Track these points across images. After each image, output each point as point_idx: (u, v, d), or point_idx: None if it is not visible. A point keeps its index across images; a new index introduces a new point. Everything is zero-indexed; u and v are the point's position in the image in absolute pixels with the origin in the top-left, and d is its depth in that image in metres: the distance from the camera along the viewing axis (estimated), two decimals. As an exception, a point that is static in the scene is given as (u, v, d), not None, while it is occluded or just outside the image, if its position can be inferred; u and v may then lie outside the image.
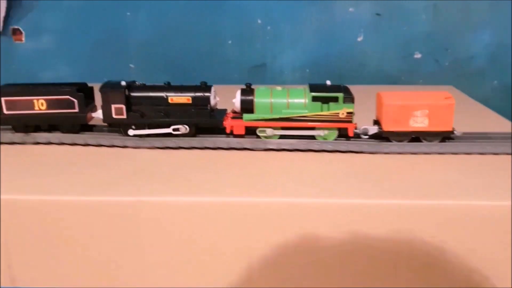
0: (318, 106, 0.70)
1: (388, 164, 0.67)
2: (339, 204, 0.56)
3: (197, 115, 0.73)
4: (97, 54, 1.28)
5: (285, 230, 0.56)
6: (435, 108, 0.69)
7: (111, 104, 0.73)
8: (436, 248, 0.55)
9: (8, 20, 1.26)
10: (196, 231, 0.56)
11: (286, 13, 1.22)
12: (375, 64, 1.25)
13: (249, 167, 0.66)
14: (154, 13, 1.24)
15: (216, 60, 1.27)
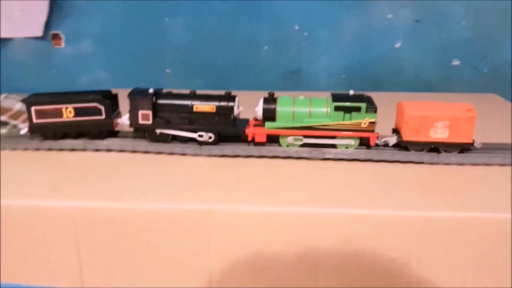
0: (341, 115, 0.71)
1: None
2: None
3: (220, 124, 0.74)
4: (134, 59, 1.30)
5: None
6: (456, 120, 0.69)
7: (139, 110, 0.75)
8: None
9: (48, 25, 1.29)
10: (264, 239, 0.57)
11: (323, 19, 1.22)
12: (412, 71, 1.24)
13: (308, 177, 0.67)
14: (192, 19, 1.25)
15: (251, 66, 1.27)
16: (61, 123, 0.79)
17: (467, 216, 0.56)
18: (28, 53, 1.32)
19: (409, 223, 0.56)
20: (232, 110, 0.74)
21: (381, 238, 0.56)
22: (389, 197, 0.60)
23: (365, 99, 0.71)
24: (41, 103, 0.79)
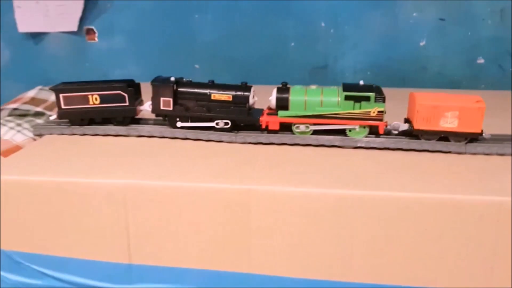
0: (351, 104, 0.74)
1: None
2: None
3: (236, 112, 0.78)
4: (164, 54, 1.34)
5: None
6: (465, 110, 0.72)
7: (160, 97, 0.80)
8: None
9: (83, 21, 1.34)
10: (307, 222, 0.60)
11: (350, 16, 1.25)
12: (437, 69, 1.26)
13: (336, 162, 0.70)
14: (221, 15, 1.29)
15: (278, 61, 1.30)
16: (87, 109, 0.84)
17: (495, 200, 0.58)
18: (63, 47, 1.37)
19: (438, 205, 0.59)
20: (248, 100, 0.78)
21: (412, 219, 0.59)
22: (417, 181, 0.62)
23: (374, 89, 0.75)
24: (69, 91, 0.84)
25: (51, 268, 0.66)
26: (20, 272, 0.67)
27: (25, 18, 1.33)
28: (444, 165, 0.69)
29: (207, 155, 0.72)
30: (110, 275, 0.65)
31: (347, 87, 0.74)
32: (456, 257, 0.59)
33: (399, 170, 0.66)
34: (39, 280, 0.67)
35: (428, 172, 0.66)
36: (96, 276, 0.65)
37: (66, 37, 1.36)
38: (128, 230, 0.63)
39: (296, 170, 0.66)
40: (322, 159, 0.71)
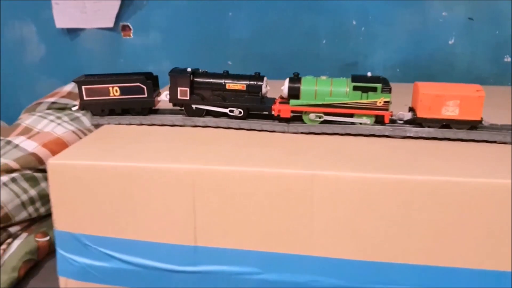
0: (358, 94, 0.77)
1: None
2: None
3: (250, 101, 0.82)
4: (197, 51, 1.38)
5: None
6: (466, 99, 0.75)
7: (178, 87, 0.84)
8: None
9: (119, 17, 1.37)
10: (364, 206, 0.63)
11: (380, 15, 1.28)
12: (465, 66, 1.29)
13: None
14: (254, 13, 1.33)
15: (309, 58, 1.34)
16: (108, 100, 0.88)
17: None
18: (98, 43, 1.41)
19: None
20: (261, 89, 0.82)
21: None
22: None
23: (381, 80, 0.78)
24: (90, 83, 0.88)
25: (118, 251, 0.69)
26: (88, 254, 0.70)
27: (63, 14, 1.37)
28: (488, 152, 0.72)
29: (264, 143, 0.75)
30: (176, 256, 0.68)
31: (355, 78, 0.78)
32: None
33: (449, 157, 0.70)
34: (106, 262, 0.70)
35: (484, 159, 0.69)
36: (162, 258, 0.68)
37: (101, 33, 1.40)
38: (194, 213, 0.66)
39: (353, 157, 0.69)
40: (372, 147, 0.74)
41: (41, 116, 1.20)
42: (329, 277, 0.65)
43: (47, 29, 1.41)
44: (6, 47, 1.45)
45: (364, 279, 0.65)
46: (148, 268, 0.69)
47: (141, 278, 0.69)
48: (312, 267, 0.65)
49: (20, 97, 1.48)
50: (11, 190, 1.03)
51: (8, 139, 1.14)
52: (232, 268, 0.67)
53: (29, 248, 1.00)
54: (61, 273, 0.72)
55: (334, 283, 0.65)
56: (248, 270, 0.67)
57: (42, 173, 1.10)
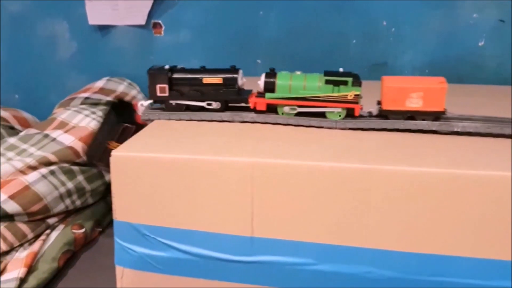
0: (330, 88, 0.81)
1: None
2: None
3: (227, 94, 0.86)
4: (228, 50, 1.39)
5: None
6: (428, 91, 0.78)
7: (156, 84, 0.87)
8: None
9: (150, 15, 1.39)
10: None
11: (410, 16, 1.30)
12: (494, 69, 1.30)
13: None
14: (285, 12, 1.34)
15: (338, 58, 1.35)
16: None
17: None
18: (129, 40, 1.43)
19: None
20: (237, 81, 0.86)
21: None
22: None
23: (352, 75, 0.82)
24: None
25: (176, 240, 0.71)
26: (146, 244, 0.71)
27: (95, 11, 1.38)
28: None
29: (315, 138, 0.77)
30: (232, 247, 0.69)
31: (327, 73, 0.82)
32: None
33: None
34: (163, 252, 0.71)
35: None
36: (219, 248, 0.70)
37: (132, 30, 1.41)
38: (252, 205, 0.68)
39: (407, 152, 0.70)
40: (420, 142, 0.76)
41: (76, 110, 1.22)
42: (383, 269, 0.67)
43: (79, 26, 1.42)
44: (38, 44, 1.47)
45: (418, 271, 0.66)
46: (205, 258, 0.70)
47: (198, 267, 0.71)
48: (366, 258, 0.67)
49: (50, 93, 1.50)
50: (50, 183, 1.05)
51: (46, 133, 1.16)
52: (287, 258, 0.69)
53: (67, 240, 1.02)
54: (118, 262, 0.74)
55: (388, 274, 0.67)
56: (303, 261, 0.68)
57: (79, 166, 1.12)
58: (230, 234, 0.69)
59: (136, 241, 0.72)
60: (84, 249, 1.07)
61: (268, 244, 0.69)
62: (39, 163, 1.08)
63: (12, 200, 1.01)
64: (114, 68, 1.43)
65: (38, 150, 1.12)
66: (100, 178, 1.17)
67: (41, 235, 1.05)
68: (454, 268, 0.65)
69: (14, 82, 1.52)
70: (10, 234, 1.00)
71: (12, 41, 1.48)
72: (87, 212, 1.14)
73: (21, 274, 0.91)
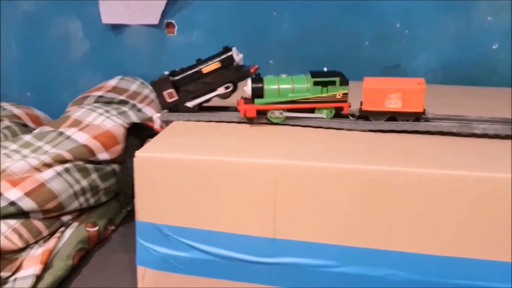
0: (319, 89, 0.82)
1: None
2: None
3: (229, 74, 0.87)
4: (240, 50, 1.36)
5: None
6: (407, 92, 0.79)
7: (163, 92, 0.88)
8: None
9: (163, 15, 1.39)
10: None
11: (424, 18, 1.30)
12: (508, 72, 1.30)
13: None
14: (298, 13, 1.35)
15: (351, 60, 1.35)
16: None
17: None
18: (142, 40, 1.43)
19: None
20: (233, 58, 0.87)
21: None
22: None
23: (338, 74, 0.83)
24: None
25: (198, 241, 0.71)
26: (169, 244, 0.72)
27: (109, 10, 1.39)
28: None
29: (335, 140, 0.77)
30: (254, 248, 0.70)
31: (314, 74, 0.83)
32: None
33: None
34: (186, 252, 0.71)
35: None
36: (241, 249, 0.70)
37: (145, 30, 1.42)
38: (275, 206, 0.68)
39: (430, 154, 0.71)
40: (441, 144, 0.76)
41: (90, 109, 1.22)
42: (406, 271, 0.67)
43: (92, 25, 1.43)
44: (51, 42, 1.47)
45: (441, 274, 0.66)
46: (227, 259, 0.71)
47: (219, 268, 0.71)
48: (389, 261, 0.67)
49: (62, 92, 1.50)
50: (65, 180, 1.06)
51: (60, 131, 1.16)
52: (309, 260, 0.69)
53: (81, 237, 1.02)
54: (140, 262, 0.74)
55: (410, 277, 0.67)
56: (326, 263, 0.69)
57: (93, 164, 1.12)
58: (252, 235, 0.69)
59: (158, 242, 0.72)
60: (97, 247, 1.08)
61: (290, 245, 0.69)
62: (54, 161, 1.08)
63: (28, 197, 1.01)
64: (127, 68, 1.43)
65: (53, 148, 1.12)
66: (113, 177, 1.17)
67: (55, 232, 1.05)
68: (478, 271, 0.66)
69: (27, 80, 1.52)
70: (26, 231, 1.00)
71: (26, 39, 1.49)
72: (100, 210, 1.15)
73: (37, 271, 0.91)
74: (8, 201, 1.00)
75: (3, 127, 1.27)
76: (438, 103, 0.90)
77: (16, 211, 1.00)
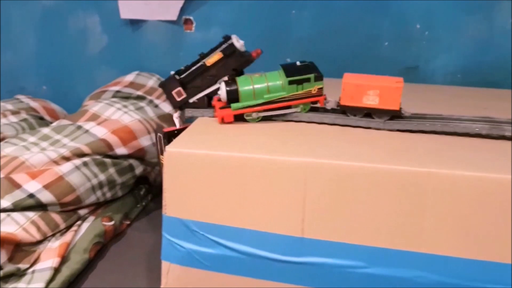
0: (294, 87, 0.82)
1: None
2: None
3: (232, 62, 0.87)
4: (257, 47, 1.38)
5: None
6: (385, 89, 0.80)
7: (171, 91, 0.88)
8: None
9: (182, 11, 1.39)
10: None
11: (446, 19, 1.29)
12: (528, 74, 1.30)
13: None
14: (318, 12, 1.34)
15: (369, 59, 1.35)
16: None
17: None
18: (159, 35, 1.43)
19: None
20: (234, 46, 0.87)
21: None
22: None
23: (311, 68, 0.83)
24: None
25: (224, 238, 0.70)
26: (195, 240, 0.71)
27: (128, 5, 1.38)
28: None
29: (364, 139, 0.76)
30: (282, 246, 0.69)
31: (288, 72, 0.82)
32: None
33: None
34: (212, 249, 0.71)
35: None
36: (268, 247, 0.69)
37: (163, 26, 1.41)
38: (304, 205, 0.67)
39: (462, 156, 0.70)
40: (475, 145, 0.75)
41: (108, 103, 1.22)
42: (435, 274, 0.66)
43: (110, 20, 1.42)
44: (69, 36, 1.47)
45: (471, 277, 0.66)
46: (253, 256, 0.70)
47: (245, 266, 0.71)
48: (419, 263, 0.66)
49: (78, 86, 1.50)
50: (83, 174, 1.06)
51: (78, 124, 1.16)
52: (337, 260, 0.68)
53: (98, 231, 1.02)
54: (165, 257, 0.73)
55: (439, 280, 0.66)
56: (353, 264, 0.68)
57: (111, 159, 1.12)
58: (280, 233, 0.69)
59: (184, 237, 0.71)
60: (112, 242, 1.07)
61: (318, 245, 0.68)
62: (73, 154, 1.08)
63: (46, 190, 1.01)
64: (143, 63, 1.43)
65: (71, 141, 1.12)
66: (130, 171, 1.16)
67: (72, 225, 1.05)
68: (509, 276, 0.65)
69: (43, 73, 1.52)
70: (44, 224, 1.00)
71: (44, 33, 1.48)
72: (116, 204, 1.15)
73: (55, 264, 0.91)
74: (27, 193, 1.00)
75: (20, 120, 1.27)
76: (459, 104, 0.89)
77: (35, 204, 1.00)
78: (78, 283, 0.93)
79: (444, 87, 1.24)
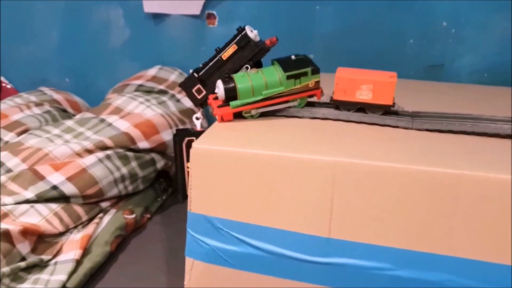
0: (292, 82, 0.81)
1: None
2: None
3: (248, 52, 0.86)
4: (281, 43, 1.35)
5: None
6: (378, 84, 0.78)
7: (191, 89, 0.87)
8: None
9: (205, 5, 1.38)
10: None
11: (473, 17, 1.26)
12: (555, 74, 1.27)
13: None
14: (342, 8, 1.32)
15: (394, 57, 1.32)
16: None
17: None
18: (182, 30, 1.42)
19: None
20: (248, 36, 0.86)
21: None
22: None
23: (307, 62, 0.83)
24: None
25: (249, 236, 0.70)
26: (219, 237, 0.71)
27: (151, 0, 1.38)
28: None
29: (393, 138, 0.75)
30: (307, 246, 0.68)
31: (285, 67, 0.81)
32: None
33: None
34: (236, 247, 0.70)
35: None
36: (293, 247, 0.69)
37: (186, 20, 1.40)
38: (332, 205, 0.66)
39: (495, 158, 0.68)
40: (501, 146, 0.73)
41: (131, 97, 1.22)
42: (464, 278, 0.65)
43: (134, 13, 1.42)
44: (92, 29, 1.47)
45: (501, 283, 0.64)
46: (278, 256, 0.69)
47: (270, 265, 0.70)
48: (448, 266, 0.65)
49: (100, 79, 1.50)
50: (105, 167, 1.06)
51: (102, 117, 1.16)
52: (364, 262, 0.67)
53: (119, 224, 1.03)
54: (189, 254, 0.73)
55: (469, 284, 0.65)
56: (381, 266, 0.67)
57: (133, 152, 1.13)
58: (306, 233, 0.68)
59: (209, 234, 0.71)
60: (133, 235, 1.08)
61: (345, 246, 0.67)
62: (96, 147, 1.09)
63: (69, 182, 1.02)
64: (165, 57, 1.42)
65: (95, 134, 1.13)
66: (152, 165, 1.17)
67: (94, 218, 1.06)
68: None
69: (66, 66, 1.52)
70: (66, 216, 1.01)
71: (67, 25, 1.49)
72: (137, 198, 1.15)
73: (77, 256, 0.92)
74: (50, 185, 1.01)
75: (44, 112, 1.28)
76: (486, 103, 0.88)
77: (58, 195, 1.01)
78: (99, 275, 0.93)
79: (470, 85, 1.22)
